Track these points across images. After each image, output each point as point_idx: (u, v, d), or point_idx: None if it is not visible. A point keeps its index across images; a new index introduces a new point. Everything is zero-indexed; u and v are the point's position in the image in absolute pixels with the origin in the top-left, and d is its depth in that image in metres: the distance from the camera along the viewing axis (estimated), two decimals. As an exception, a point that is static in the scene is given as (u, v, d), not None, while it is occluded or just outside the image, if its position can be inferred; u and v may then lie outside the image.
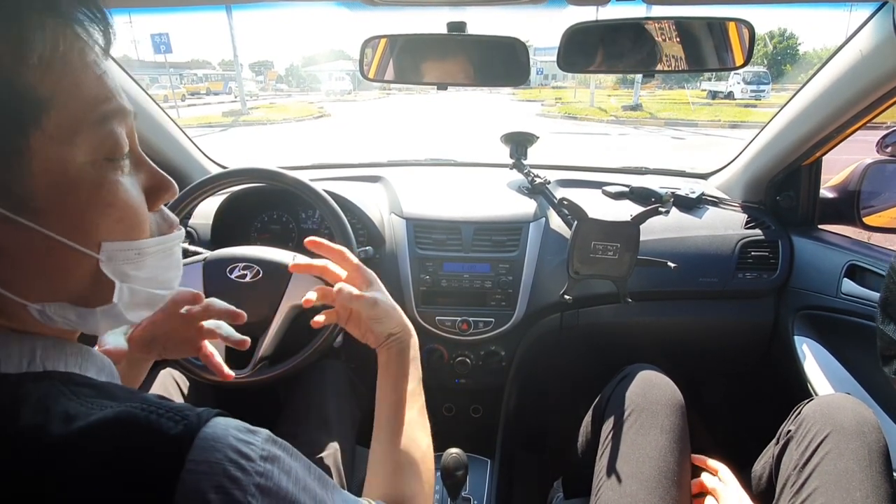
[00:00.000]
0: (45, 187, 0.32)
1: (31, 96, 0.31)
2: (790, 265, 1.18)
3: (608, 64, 0.90)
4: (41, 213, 0.32)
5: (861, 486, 0.67)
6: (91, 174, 0.34)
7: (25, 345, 0.34)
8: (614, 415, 0.86)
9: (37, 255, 0.33)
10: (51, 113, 0.32)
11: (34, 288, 0.34)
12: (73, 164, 0.33)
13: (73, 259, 0.34)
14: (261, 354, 0.93)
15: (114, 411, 0.31)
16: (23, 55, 0.31)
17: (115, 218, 0.36)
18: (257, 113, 15.73)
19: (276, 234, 1.27)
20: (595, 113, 14.75)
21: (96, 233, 0.35)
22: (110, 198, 0.35)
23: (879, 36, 0.87)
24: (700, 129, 11.56)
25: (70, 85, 0.33)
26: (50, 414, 0.30)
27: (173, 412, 0.32)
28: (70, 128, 0.33)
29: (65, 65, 0.33)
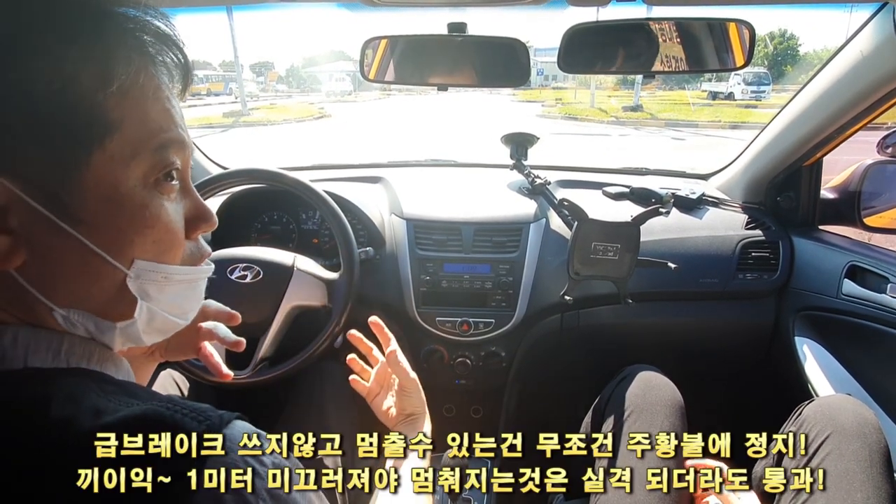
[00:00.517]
0: (94, 201, 0.34)
1: (102, 119, 0.33)
2: (791, 266, 1.18)
3: (608, 65, 0.90)
4: (84, 224, 0.34)
5: (862, 487, 0.67)
6: (139, 195, 0.36)
7: (53, 341, 0.36)
8: (614, 415, 0.86)
9: (72, 263, 0.35)
10: (115, 136, 0.34)
11: (63, 293, 0.36)
12: (126, 184, 0.35)
13: (104, 271, 0.36)
14: (261, 355, 0.93)
15: (140, 409, 0.33)
16: (105, 81, 0.33)
17: (152, 239, 0.38)
18: (258, 114, 15.72)
19: (277, 234, 1.28)
20: (595, 114, 14.71)
21: (131, 250, 0.37)
22: (152, 219, 0.37)
23: (880, 37, 0.87)
24: (700, 129, 11.53)
25: (139, 114, 0.35)
26: (79, 407, 0.32)
27: (197, 412, 0.34)
28: (130, 152, 0.35)
29: (139, 96, 0.35)
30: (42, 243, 0.34)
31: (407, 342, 1.22)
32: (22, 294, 0.35)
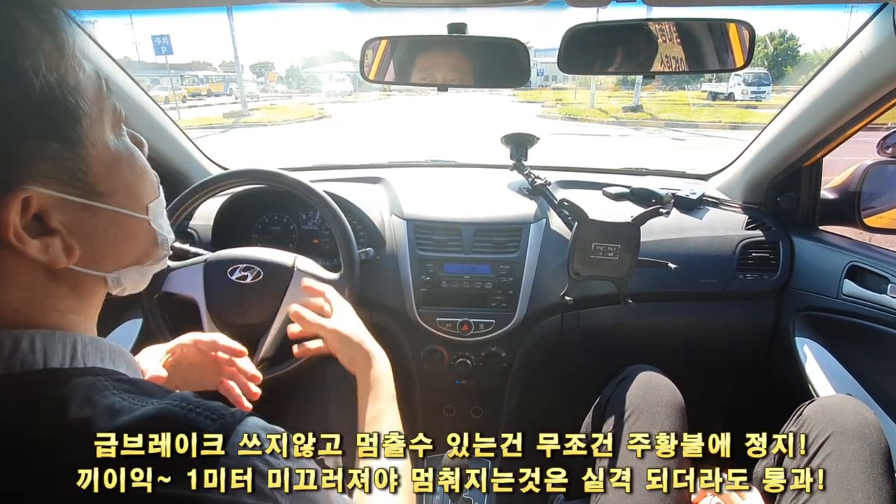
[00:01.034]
0: (103, 170, 0.36)
1: (71, 89, 0.34)
2: (791, 266, 1.18)
3: (609, 65, 0.90)
4: (107, 195, 0.36)
5: (862, 488, 0.67)
6: (121, 147, 0.38)
7: (68, 342, 0.36)
8: (614, 415, 0.86)
9: (112, 233, 0.38)
10: (82, 100, 0.34)
11: (110, 259, 0.39)
12: (111, 143, 0.37)
13: (136, 227, 0.40)
14: (261, 355, 0.93)
15: (155, 408, 0.33)
16: (62, 51, 0.33)
17: (148, 180, 0.41)
18: (258, 114, 15.73)
19: (277, 235, 1.28)
20: (595, 114, 14.70)
21: (143, 197, 0.40)
22: (141, 165, 0.40)
23: (880, 37, 0.87)
24: (700, 130, 11.52)
25: (82, 70, 0.35)
26: (96, 408, 0.32)
27: (210, 411, 0.35)
28: (98, 110, 0.36)
29: (70, 54, 0.35)
30: (84, 227, 0.35)
31: (407, 342, 1.22)
32: (45, 298, 0.36)
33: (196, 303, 0.95)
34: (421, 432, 0.61)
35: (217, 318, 0.94)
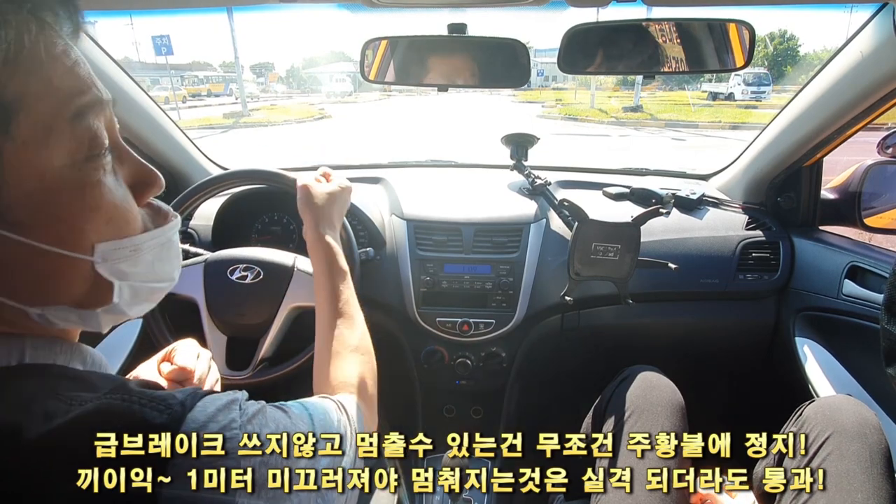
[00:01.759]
0: (23, 197, 0.30)
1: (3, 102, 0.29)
2: (791, 266, 1.18)
3: (608, 65, 0.90)
4: (23, 225, 0.31)
5: (862, 488, 0.67)
6: (71, 177, 0.32)
7: (14, 345, 0.33)
8: (614, 415, 0.86)
9: (29, 265, 0.32)
10: (20, 117, 0.29)
11: (32, 294, 0.33)
12: (50, 168, 0.31)
13: (68, 264, 0.33)
14: (261, 356, 0.93)
15: (93, 405, 0.30)
16: None
17: (104, 220, 0.34)
18: (258, 114, 15.74)
19: (277, 235, 1.28)
20: (595, 114, 14.72)
21: (86, 237, 0.33)
22: (94, 201, 0.33)
23: (880, 37, 0.87)
24: (701, 130, 11.52)
25: (39, 83, 0.30)
26: (29, 413, 0.29)
27: (157, 401, 0.32)
28: (43, 130, 0.30)
29: (32, 61, 0.30)
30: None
31: (407, 342, 1.22)
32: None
33: (196, 303, 0.95)
34: (421, 432, 0.60)
35: (217, 318, 0.94)
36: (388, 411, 1.26)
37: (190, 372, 0.62)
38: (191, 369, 0.62)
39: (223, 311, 0.94)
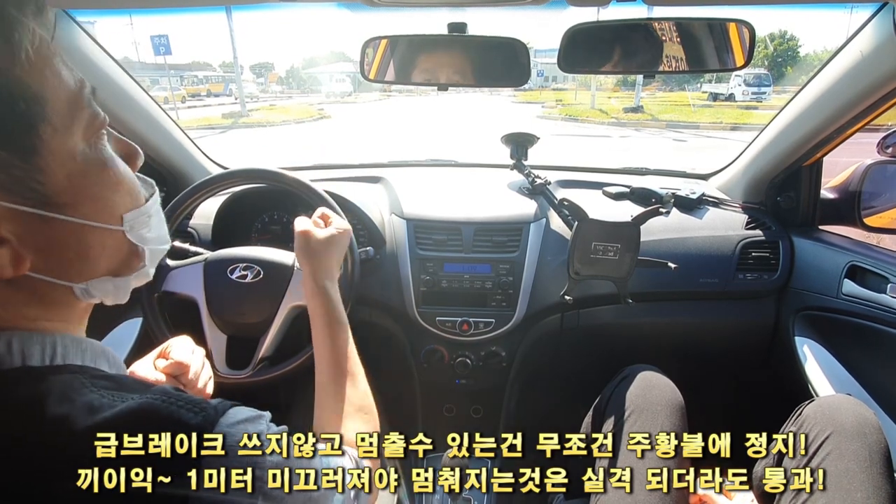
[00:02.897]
0: (65, 180, 0.34)
1: (30, 94, 0.32)
2: (791, 266, 1.18)
3: (609, 65, 0.90)
4: (69, 206, 0.34)
5: (862, 487, 0.67)
6: (93, 157, 0.36)
7: (47, 343, 0.36)
8: (614, 415, 0.86)
9: (75, 243, 0.36)
10: (47, 107, 0.33)
11: (78, 271, 0.37)
12: (78, 151, 0.35)
13: (105, 238, 0.37)
14: (261, 355, 0.93)
15: (136, 402, 0.33)
16: (14, 55, 0.31)
17: (125, 191, 0.39)
18: (257, 115, 15.69)
19: (277, 234, 1.28)
20: (596, 115, 14.66)
21: (116, 208, 0.38)
22: (115, 174, 0.38)
23: (880, 37, 0.87)
24: (702, 131, 11.46)
25: (52, 76, 0.34)
26: (74, 405, 0.32)
27: (192, 404, 0.35)
28: (68, 117, 0.34)
29: (43, 56, 0.33)
30: (40, 238, 0.34)
31: (407, 342, 1.22)
32: (16, 302, 0.35)
33: (196, 302, 0.95)
34: (421, 432, 0.60)
35: (217, 317, 0.94)
36: (388, 411, 1.26)
37: (186, 366, 0.63)
38: (186, 364, 0.64)
39: (223, 310, 0.94)
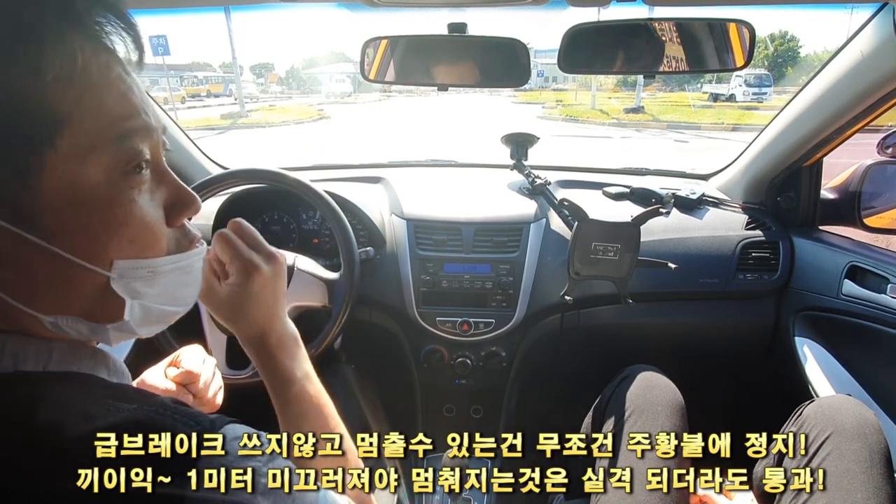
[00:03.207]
0: (56, 206, 0.31)
1: (46, 115, 0.30)
2: (791, 266, 1.18)
3: (608, 65, 0.90)
4: (51, 232, 0.32)
5: (862, 488, 0.67)
6: (105, 192, 0.33)
7: (42, 347, 0.34)
8: (614, 416, 0.86)
9: (48, 271, 0.33)
10: (66, 131, 0.31)
11: (46, 301, 0.34)
12: (87, 182, 0.32)
13: (84, 276, 0.34)
14: (261, 355, 0.93)
15: (131, 413, 0.32)
16: (38, 72, 0.30)
17: (128, 238, 0.35)
18: (256, 115, 15.63)
19: (277, 234, 1.28)
20: (597, 115, 14.61)
21: (107, 251, 0.34)
22: (123, 217, 0.34)
23: (880, 37, 0.87)
24: (703, 131, 11.37)
25: (90, 101, 0.32)
26: (69, 413, 0.31)
27: (188, 417, 0.33)
28: (86, 146, 0.32)
29: (85, 80, 0.31)
30: (11, 256, 0.31)
31: (407, 342, 1.22)
32: (5, 306, 0.33)
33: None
34: (421, 432, 0.60)
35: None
36: (388, 411, 1.26)
37: (196, 375, 0.62)
38: (197, 373, 0.62)
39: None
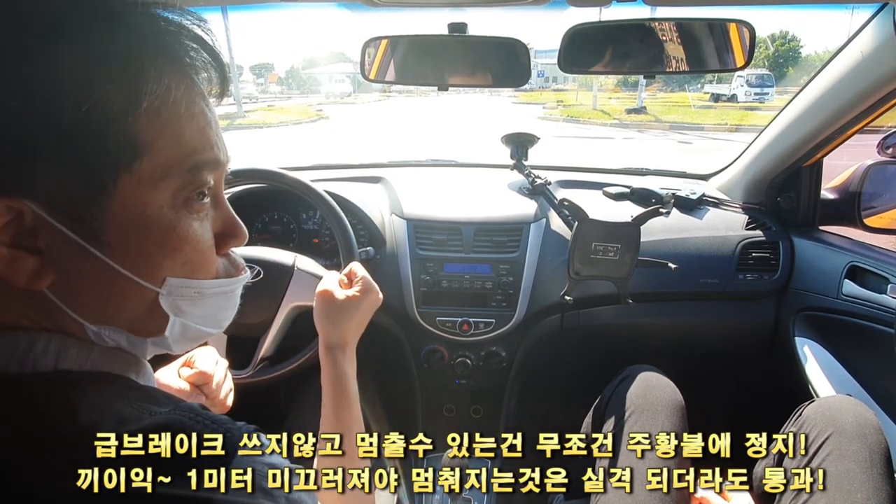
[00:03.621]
0: (121, 225, 0.33)
1: (131, 142, 0.32)
2: (791, 266, 1.18)
3: (609, 65, 0.90)
4: (111, 248, 0.33)
5: (862, 488, 0.67)
6: (167, 217, 0.35)
7: (84, 348, 0.35)
8: (615, 416, 0.86)
9: (100, 283, 0.34)
10: (144, 159, 0.32)
11: (94, 310, 0.36)
12: (154, 205, 0.34)
13: (135, 290, 0.36)
14: (261, 355, 0.93)
15: (164, 417, 0.33)
16: (136, 102, 0.31)
17: (181, 260, 0.37)
18: (254, 116, 15.52)
19: (277, 234, 1.28)
20: (598, 116, 14.49)
21: (160, 270, 0.36)
22: (180, 242, 0.36)
23: (880, 37, 0.87)
24: (707, 132, 11.21)
25: (172, 133, 0.33)
26: (104, 414, 0.32)
27: (217, 424, 0.34)
28: (160, 174, 0.33)
29: (172, 114, 0.33)
30: (70, 264, 0.33)
31: (407, 342, 1.22)
32: (54, 309, 0.35)
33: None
34: (421, 432, 0.60)
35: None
36: (388, 411, 1.26)
37: (209, 376, 0.64)
38: (210, 374, 0.64)
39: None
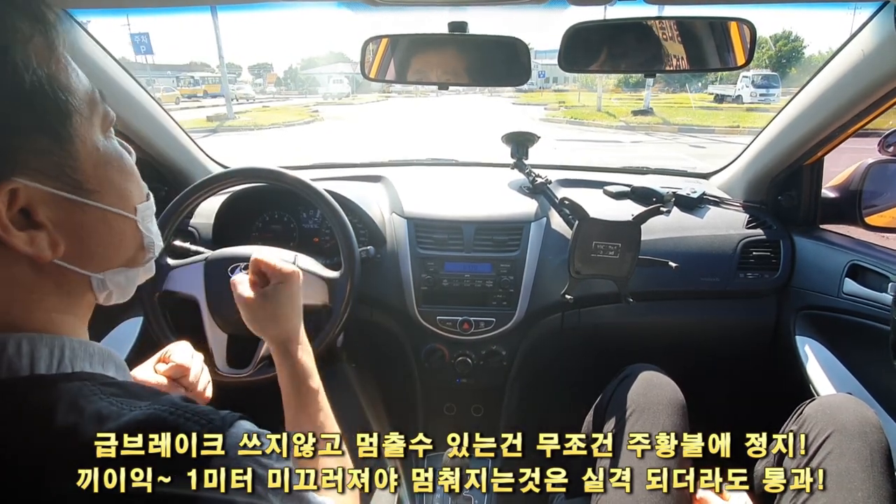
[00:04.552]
0: (92, 168, 0.36)
1: (62, 85, 0.34)
2: (792, 265, 1.18)
3: (609, 64, 0.90)
4: (96, 193, 0.36)
5: (863, 487, 0.67)
6: (111, 146, 0.38)
7: (56, 345, 0.36)
8: (615, 415, 0.85)
9: (100, 231, 0.38)
10: (73, 98, 0.35)
11: (96, 259, 0.38)
12: (99, 140, 0.37)
13: (124, 226, 0.39)
14: (262, 354, 0.93)
15: (143, 413, 0.33)
16: (52, 52, 0.34)
17: (136, 182, 0.41)
18: (244, 117, 14.97)
19: (278, 233, 1.28)
20: (603, 118, 14.02)
21: (132, 199, 0.40)
22: (129, 165, 0.40)
23: (881, 35, 0.87)
24: (718, 135, 10.62)
25: (73, 73, 0.36)
26: (83, 414, 0.32)
27: (199, 416, 0.34)
28: (88, 109, 0.36)
29: (61, 55, 0.35)
30: (71, 224, 0.35)
31: (408, 341, 1.22)
32: (19, 303, 0.35)
33: (197, 301, 0.95)
34: (421, 432, 0.60)
35: (217, 316, 0.94)
36: (388, 410, 1.26)
37: (186, 369, 0.64)
38: (187, 366, 0.64)
39: (224, 309, 0.94)
